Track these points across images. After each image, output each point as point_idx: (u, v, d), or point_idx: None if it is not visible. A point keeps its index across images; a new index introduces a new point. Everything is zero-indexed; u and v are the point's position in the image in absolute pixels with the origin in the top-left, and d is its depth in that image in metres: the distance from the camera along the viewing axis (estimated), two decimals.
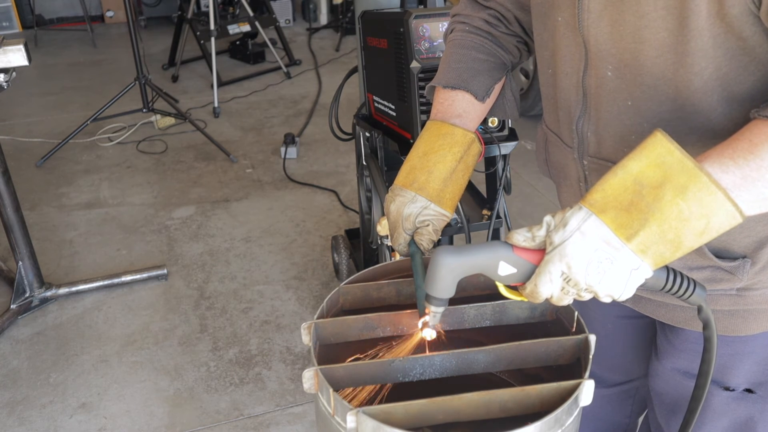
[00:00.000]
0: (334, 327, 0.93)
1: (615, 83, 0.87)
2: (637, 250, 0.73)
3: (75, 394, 2.16)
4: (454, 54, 1.10)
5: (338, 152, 3.77)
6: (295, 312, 2.52)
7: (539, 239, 0.78)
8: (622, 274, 0.74)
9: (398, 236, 1.03)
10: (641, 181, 0.73)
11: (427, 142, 1.03)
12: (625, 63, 0.85)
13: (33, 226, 2.93)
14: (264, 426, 2.03)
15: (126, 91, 3.86)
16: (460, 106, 1.06)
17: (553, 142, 1.08)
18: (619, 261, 0.74)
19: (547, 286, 0.77)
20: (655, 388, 1.21)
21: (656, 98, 0.84)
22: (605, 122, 0.92)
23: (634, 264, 0.74)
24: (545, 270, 0.77)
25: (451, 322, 0.96)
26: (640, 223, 0.72)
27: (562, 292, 0.78)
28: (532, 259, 0.78)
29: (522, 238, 0.79)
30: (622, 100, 0.88)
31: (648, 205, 0.72)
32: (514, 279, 0.80)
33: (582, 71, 0.92)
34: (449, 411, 0.80)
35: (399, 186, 1.03)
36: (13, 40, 2.11)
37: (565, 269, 0.75)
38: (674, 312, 1.05)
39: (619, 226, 0.73)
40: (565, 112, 0.99)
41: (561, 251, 0.75)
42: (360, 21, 1.87)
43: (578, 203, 0.76)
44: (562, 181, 1.10)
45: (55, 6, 6.58)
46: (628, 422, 1.46)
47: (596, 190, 0.75)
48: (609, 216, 0.74)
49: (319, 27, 6.32)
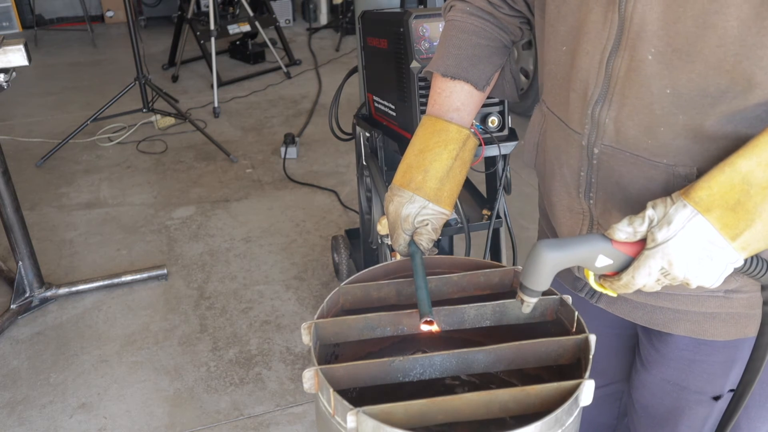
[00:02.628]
0: (334, 327, 0.93)
1: (655, 68, 0.81)
2: (739, 248, 0.74)
3: (75, 394, 2.16)
4: (453, 38, 1.05)
5: (338, 152, 3.77)
6: (295, 312, 2.52)
7: (641, 235, 0.77)
8: (721, 268, 0.75)
9: (398, 237, 1.03)
10: (750, 181, 0.72)
11: (423, 139, 1.02)
12: (675, 47, 0.78)
13: (33, 226, 2.93)
14: (264, 426, 2.03)
15: (126, 91, 3.86)
16: (458, 98, 1.04)
17: (555, 127, 1.00)
18: (720, 258, 0.74)
19: (645, 278, 0.77)
20: (640, 400, 1.18)
21: (704, 89, 0.79)
22: (631, 109, 0.85)
23: (733, 259, 0.75)
24: (645, 264, 0.76)
25: (451, 322, 0.96)
26: (747, 223, 0.72)
27: (657, 283, 0.78)
28: (630, 251, 0.79)
29: (624, 235, 0.77)
30: (659, 88, 0.81)
31: (756, 205, 0.72)
32: (609, 269, 0.81)
33: (609, 51, 0.84)
34: (449, 411, 0.80)
35: (397, 186, 1.02)
36: (13, 40, 2.11)
37: (666, 265, 0.75)
38: (653, 314, 1.03)
39: (725, 226, 0.73)
40: (579, 94, 0.91)
41: (664, 249, 0.75)
42: (360, 21, 1.87)
43: (680, 198, 0.75)
44: (557, 169, 1.01)
45: (55, 6, 6.58)
46: (615, 424, 1.44)
47: (701, 186, 0.74)
48: (714, 215, 0.73)
49: (319, 27, 6.32)
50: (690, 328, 1.01)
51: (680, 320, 1.01)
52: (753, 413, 1.08)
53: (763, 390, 1.05)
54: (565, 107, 0.95)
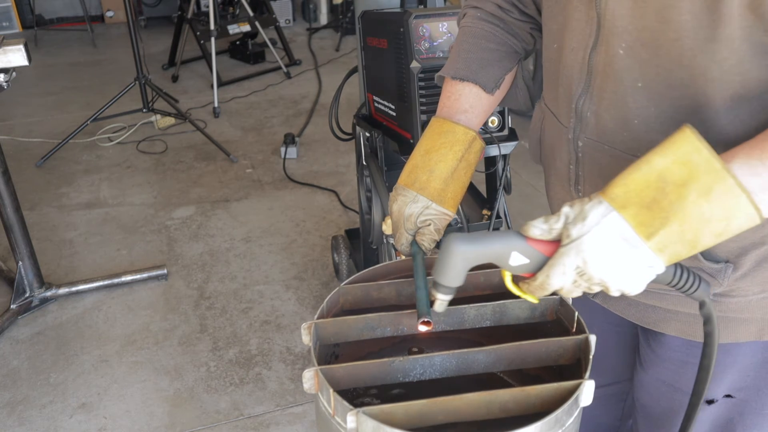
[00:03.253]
0: (334, 327, 0.93)
1: (626, 62, 0.83)
2: (655, 248, 0.72)
3: (75, 394, 2.16)
4: (464, 43, 1.07)
5: (338, 152, 3.77)
6: (295, 312, 2.52)
7: (556, 232, 0.76)
8: (637, 271, 0.73)
9: (400, 236, 1.03)
10: (665, 178, 0.71)
11: (429, 140, 1.02)
12: (642, 42, 0.81)
13: (33, 226, 2.93)
14: (264, 426, 2.03)
15: (126, 91, 3.86)
16: (467, 101, 1.04)
17: (549, 121, 1.05)
18: (635, 258, 0.73)
19: (560, 278, 0.76)
20: (640, 399, 1.18)
21: (669, 82, 0.81)
22: (608, 103, 0.88)
23: (650, 261, 0.73)
24: (560, 262, 0.75)
25: (451, 322, 0.96)
26: (661, 222, 0.71)
27: (573, 285, 0.76)
28: (546, 250, 0.77)
29: (538, 231, 0.77)
30: (630, 81, 0.84)
31: (671, 203, 0.70)
32: (524, 269, 0.79)
33: (590, 47, 0.88)
34: (449, 411, 0.80)
35: (401, 185, 1.03)
36: (13, 40, 2.11)
37: (581, 263, 0.74)
38: (645, 312, 1.03)
39: (640, 224, 0.72)
40: (566, 89, 0.95)
41: (578, 246, 0.73)
42: (360, 21, 1.87)
43: (598, 196, 0.74)
44: (552, 163, 1.06)
45: (55, 6, 6.58)
46: (618, 425, 1.43)
47: (617, 184, 0.73)
48: (630, 212, 0.72)
49: (319, 27, 6.31)
50: (680, 328, 1.01)
51: (671, 320, 1.01)
52: (749, 420, 1.07)
53: (759, 397, 1.05)
54: (556, 102, 0.99)
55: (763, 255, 0.89)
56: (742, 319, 0.95)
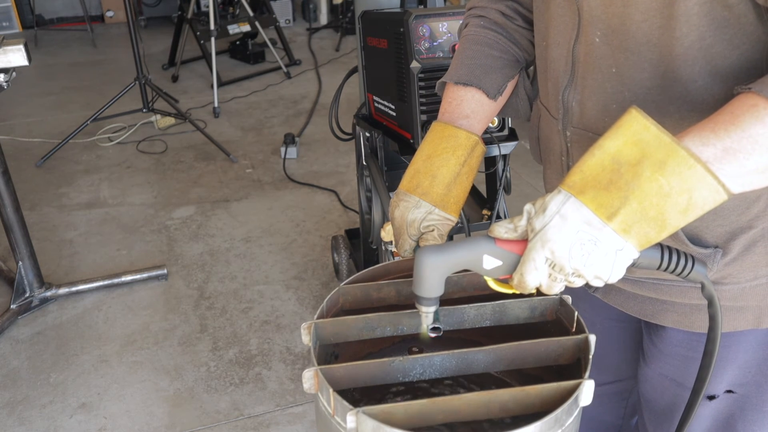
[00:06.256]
0: (334, 327, 0.93)
1: (602, 50, 0.86)
2: (619, 229, 0.72)
3: (75, 394, 2.16)
4: (466, 50, 1.08)
5: (338, 152, 3.77)
6: (295, 312, 2.52)
7: (521, 229, 0.77)
8: (607, 255, 0.73)
9: (403, 242, 1.03)
10: (619, 160, 0.71)
11: (431, 144, 1.02)
12: (612, 28, 0.84)
13: (33, 226, 2.94)
14: (264, 426, 2.03)
15: (126, 91, 3.86)
16: (469, 106, 1.04)
17: (544, 117, 1.06)
18: (602, 242, 0.73)
19: (534, 274, 0.76)
20: (644, 394, 1.19)
21: (639, 65, 0.83)
22: (590, 91, 0.90)
23: (618, 244, 0.73)
24: (529, 258, 0.76)
25: (451, 322, 0.96)
26: (620, 201, 0.71)
27: (550, 279, 0.76)
28: (516, 249, 0.78)
29: (504, 230, 0.78)
30: (606, 67, 0.87)
31: (627, 182, 0.71)
32: (501, 272, 0.79)
33: (573, 40, 0.90)
34: (449, 411, 0.80)
35: (403, 191, 1.02)
36: (13, 40, 2.11)
37: (549, 255, 0.74)
38: (643, 304, 1.03)
39: (599, 206, 0.72)
40: (554, 83, 0.98)
41: (542, 237, 0.74)
42: (360, 21, 1.87)
43: (558, 187, 0.75)
44: (548, 157, 1.08)
45: (55, 6, 6.58)
46: (621, 424, 1.43)
47: (574, 172, 0.74)
48: (588, 196, 0.72)
49: (319, 27, 6.32)
50: (677, 319, 1.01)
51: (667, 311, 1.01)
52: (750, 416, 1.07)
53: (760, 393, 1.05)
54: (547, 97, 1.02)
55: (751, 239, 0.89)
56: (738, 307, 0.96)
